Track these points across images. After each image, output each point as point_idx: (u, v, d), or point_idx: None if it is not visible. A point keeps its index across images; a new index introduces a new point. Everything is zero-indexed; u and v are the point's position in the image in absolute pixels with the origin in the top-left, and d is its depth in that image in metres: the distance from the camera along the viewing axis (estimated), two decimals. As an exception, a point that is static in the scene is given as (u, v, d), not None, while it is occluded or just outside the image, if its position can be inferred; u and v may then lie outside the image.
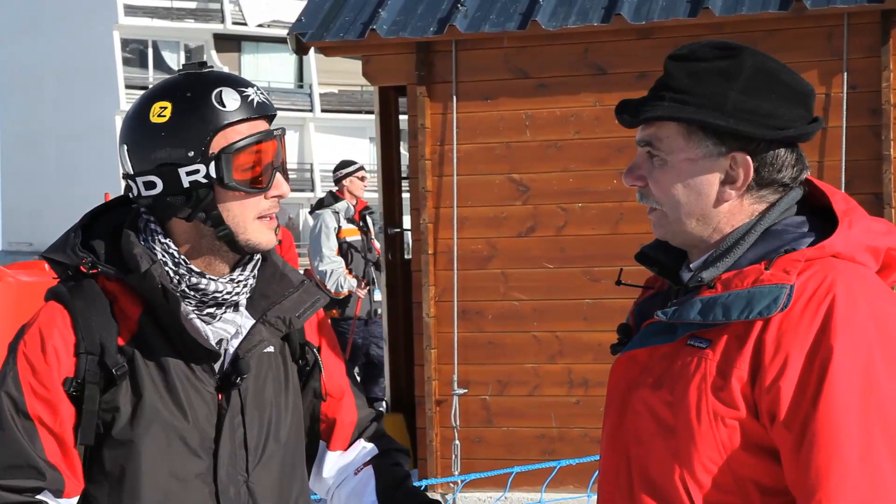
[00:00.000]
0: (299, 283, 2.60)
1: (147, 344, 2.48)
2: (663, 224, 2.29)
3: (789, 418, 2.09)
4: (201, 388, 2.49)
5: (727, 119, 2.20)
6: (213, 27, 44.90)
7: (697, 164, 2.24)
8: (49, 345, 2.46)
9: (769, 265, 2.17)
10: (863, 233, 2.21)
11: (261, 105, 2.49)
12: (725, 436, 2.14)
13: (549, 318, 8.36)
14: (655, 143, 2.26)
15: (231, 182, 2.44)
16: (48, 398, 2.45)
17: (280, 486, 2.56)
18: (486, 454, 8.43)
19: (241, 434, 2.51)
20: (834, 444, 2.05)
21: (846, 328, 2.09)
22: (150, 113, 2.45)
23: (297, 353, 2.64)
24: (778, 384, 2.10)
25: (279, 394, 2.58)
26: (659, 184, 2.26)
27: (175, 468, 2.46)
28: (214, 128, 2.43)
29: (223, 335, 2.52)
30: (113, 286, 2.50)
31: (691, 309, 2.19)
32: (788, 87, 2.26)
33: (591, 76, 8.28)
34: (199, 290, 2.49)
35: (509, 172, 8.45)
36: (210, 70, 2.53)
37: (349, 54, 9.11)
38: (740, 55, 2.25)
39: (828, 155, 7.86)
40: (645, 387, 2.24)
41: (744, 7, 7.81)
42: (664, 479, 2.19)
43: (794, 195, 2.27)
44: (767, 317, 2.12)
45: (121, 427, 2.46)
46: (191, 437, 2.47)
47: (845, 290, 2.13)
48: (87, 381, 2.44)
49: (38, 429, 2.45)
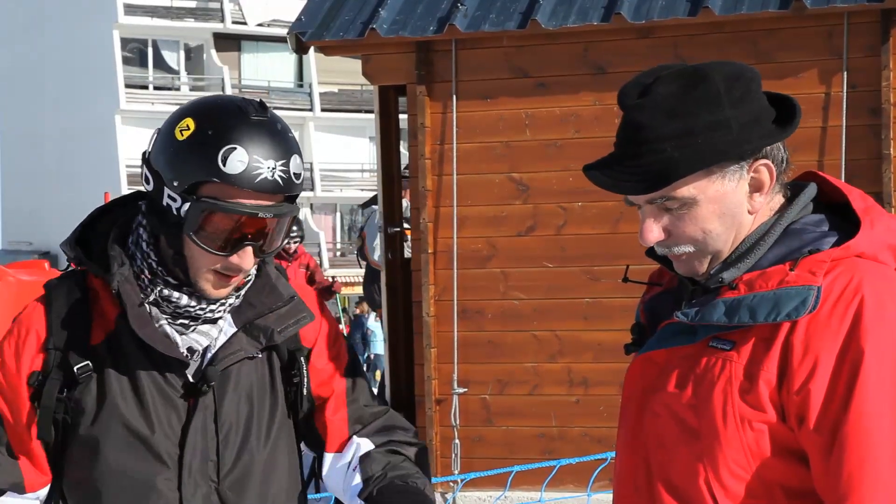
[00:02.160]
0: (288, 299, 2.56)
1: (119, 345, 2.47)
2: (694, 262, 2.22)
3: (819, 422, 2.07)
4: (170, 393, 2.48)
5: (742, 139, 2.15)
6: (213, 26, 44.87)
7: (726, 192, 2.18)
8: (20, 339, 2.50)
9: (794, 266, 2.14)
10: (885, 232, 2.20)
11: (271, 183, 2.38)
12: (752, 439, 2.12)
13: (548, 318, 8.36)
14: (672, 197, 2.18)
15: (188, 230, 2.39)
16: (10, 394, 2.49)
17: (259, 492, 2.53)
18: (485, 453, 8.43)
19: (214, 441, 2.49)
20: (866, 448, 2.03)
21: (876, 330, 2.07)
22: (180, 122, 2.42)
23: (285, 358, 2.60)
24: (808, 387, 2.08)
25: (263, 400, 2.55)
26: (689, 228, 2.19)
27: (138, 473, 2.46)
28: (205, 175, 2.37)
29: (195, 346, 2.50)
30: (98, 283, 2.51)
31: (714, 310, 2.15)
32: (756, 83, 2.21)
33: (590, 75, 8.28)
34: (171, 302, 2.47)
35: (509, 171, 8.45)
36: (259, 119, 2.41)
37: (349, 53, 9.11)
38: (705, 74, 2.17)
39: (827, 154, 7.86)
40: (665, 389, 2.21)
41: (744, 6, 7.81)
42: (688, 483, 2.17)
43: (809, 192, 2.25)
44: (795, 319, 2.10)
45: (85, 426, 2.47)
46: (155, 443, 2.46)
47: (873, 290, 2.11)
48: (50, 378, 2.46)
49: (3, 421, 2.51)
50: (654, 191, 2.16)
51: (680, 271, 2.26)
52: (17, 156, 44.86)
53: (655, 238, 2.21)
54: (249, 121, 2.40)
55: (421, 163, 8.54)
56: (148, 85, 44.64)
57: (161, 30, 44.46)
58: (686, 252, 2.21)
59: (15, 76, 45.05)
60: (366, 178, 45.95)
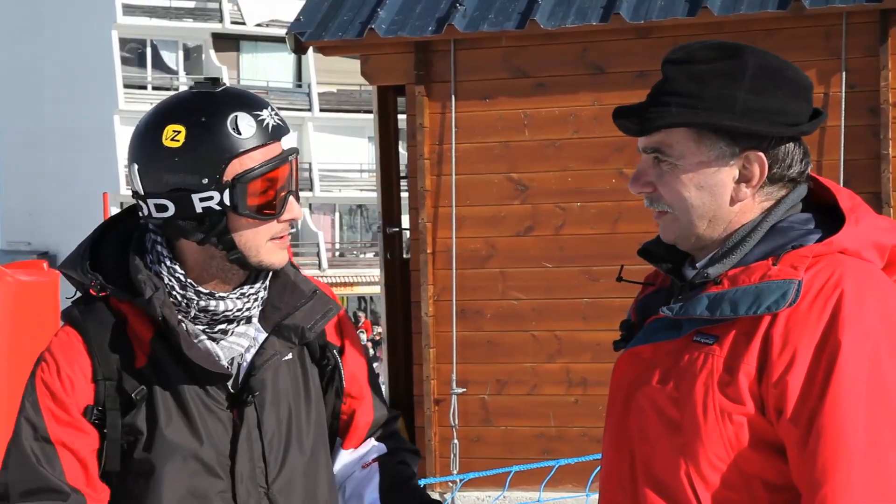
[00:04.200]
0: (311, 293, 2.57)
1: (160, 366, 2.46)
2: (673, 228, 2.28)
3: (796, 413, 2.08)
4: (215, 407, 2.48)
5: (740, 120, 2.20)
6: (212, 26, 44.87)
7: (710, 167, 2.23)
8: (64, 373, 2.45)
9: (777, 261, 2.16)
10: (869, 229, 2.22)
11: (276, 129, 2.45)
12: (732, 432, 2.14)
13: (547, 318, 8.37)
14: (664, 150, 2.24)
15: (245, 210, 2.41)
16: (70, 422, 2.45)
17: (305, 492, 2.56)
18: (484, 453, 8.44)
19: (259, 448, 2.50)
20: (840, 439, 2.05)
21: (854, 324, 2.09)
22: (163, 135, 2.41)
23: (317, 354, 2.62)
24: (785, 379, 2.10)
25: (298, 401, 2.56)
26: (670, 188, 2.25)
27: (194, 489, 2.46)
28: (230, 155, 2.39)
29: (236, 350, 2.50)
30: (125, 307, 2.48)
31: (698, 304, 2.18)
32: (792, 83, 2.25)
33: (589, 75, 8.29)
34: (209, 311, 2.47)
35: (508, 172, 8.46)
36: (224, 89, 2.48)
37: (348, 54, 9.12)
38: (741, 55, 2.24)
39: (826, 154, 7.87)
40: (650, 383, 2.23)
41: (742, 6, 7.82)
42: (670, 477, 2.19)
43: (799, 192, 2.27)
44: (775, 312, 2.12)
45: (140, 450, 2.45)
46: (207, 458, 2.46)
47: (853, 285, 2.13)
48: (108, 409, 2.44)
49: (58, 452, 2.44)
50: (645, 134, 2.25)
51: (665, 239, 2.31)
52: (15, 156, 44.86)
53: (640, 183, 2.27)
54: (222, 94, 2.46)
55: (420, 163, 8.55)
56: (147, 85, 44.65)
57: (160, 30, 44.47)
58: (664, 211, 2.27)
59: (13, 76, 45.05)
60: (364, 178, 45.96)
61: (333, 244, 47.31)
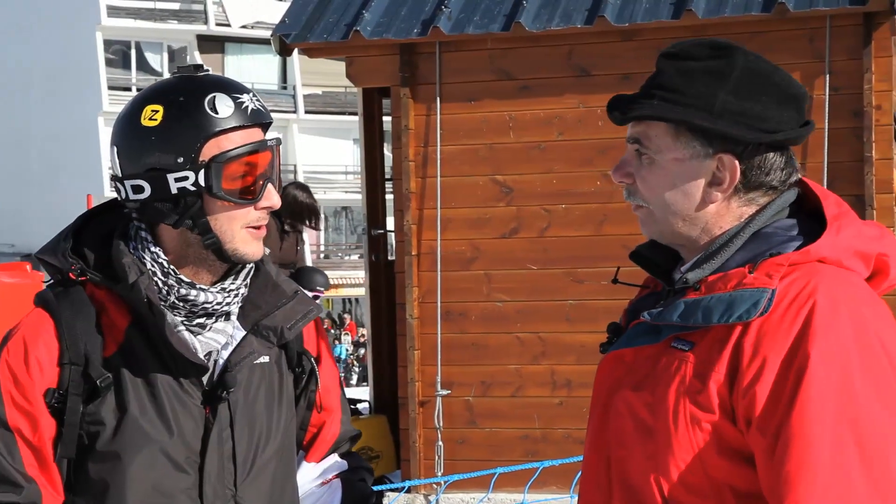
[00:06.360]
0: (292, 294, 2.56)
1: (134, 355, 2.44)
2: (649, 223, 2.28)
3: (764, 423, 2.07)
4: (188, 401, 2.46)
5: (714, 121, 2.18)
6: (197, 28, 44.80)
7: (684, 165, 2.22)
8: (32, 355, 2.42)
9: (753, 269, 2.15)
10: (852, 237, 2.18)
11: (255, 112, 2.44)
12: (701, 439, 2.12)
13: (532, 319, 8.37)
14: (644, 142, 2.24)
15: (219, 192, 2.40)
16: (29, 410, 2.41)
17: (270, 498, 2.53)
18: (469, 455, 8.44)
19: (230, 447, 2.48)
20: (805, 450, 2.03)
21: (825, 335, 2.07)
22: (141, 116, 2.41)
23: (293, 361, 2.60)
24: (754, 388, 2.08)
25: (271, 405, 2.54)
26: (646, 182, 2.25)
27: (160, 483, 2.43)
28: (206, 135, 2.39)
29: (213, 346, 2.48)
30: (101, 294, 2.47)
31: (674, 311, 2.17)
32: (779, 89, 2.23)
33: (574, 78, 8.30)
34: (189, 301, 2.45)
35: (493, 174, 8.46)
36: (206, 74, 2.48)
37: (333, 56, 9.11)
38: (733, 55, 2.23)
39: (810, 157, 7.89)
40: (628, 387, 2.23)
41: (727, 9, 7.84)
42: (641, 482, 2.18)
43: (786, 197, 2.25)
44: (747, 321, 2.11)
45: (105, 440, 2.42)
46: (175, 452, 2.44)
47: (827, 296, 2.10)
48: (70, 393, 2.41)
49: (17, 441, 2.41)
50: (624, 123, 2.27)
51: (644, 233, 2.31)
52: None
53: (621, 172, 2.28)
54: (203, 77, 2.46)
55: (405, 165, 8.55)
56: (131, 87, 44.51)
57: (144, 32, 44.37)
58: (640, 206, 2.27)
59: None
60: (350, 180, 45.93)
61: (318, 246, 47.28)
